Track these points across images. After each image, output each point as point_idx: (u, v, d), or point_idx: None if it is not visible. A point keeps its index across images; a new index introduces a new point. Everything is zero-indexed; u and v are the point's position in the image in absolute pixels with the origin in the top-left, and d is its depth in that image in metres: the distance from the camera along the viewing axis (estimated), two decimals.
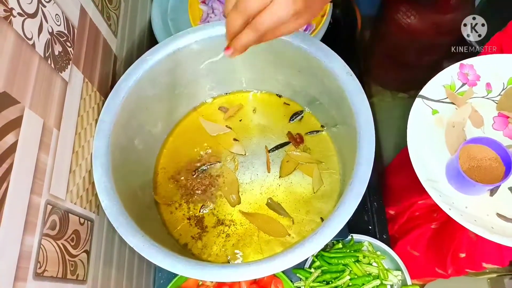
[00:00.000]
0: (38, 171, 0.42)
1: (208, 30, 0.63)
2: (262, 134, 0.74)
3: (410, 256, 0.99)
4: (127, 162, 0.61)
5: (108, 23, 0.63)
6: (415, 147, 0.62)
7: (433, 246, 0.93)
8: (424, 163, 0.62)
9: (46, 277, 0.41)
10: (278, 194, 0.69)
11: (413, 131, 0.63)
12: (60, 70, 0.47)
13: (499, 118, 0.66)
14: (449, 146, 0.65)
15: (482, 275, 1.36)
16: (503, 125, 0.66)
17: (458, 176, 0.59)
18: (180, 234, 0.67)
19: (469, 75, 0.68)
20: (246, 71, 0.73)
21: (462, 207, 0.60)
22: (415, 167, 0.60)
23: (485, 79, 0.68)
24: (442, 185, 0.62)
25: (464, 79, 0.68)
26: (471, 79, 0.68)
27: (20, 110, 0.39)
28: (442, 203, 0.58)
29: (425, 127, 0.65)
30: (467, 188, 0.60)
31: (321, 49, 0.59)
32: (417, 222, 0.95)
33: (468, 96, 0.67)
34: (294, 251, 0.50)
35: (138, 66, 0.61)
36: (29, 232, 0.39)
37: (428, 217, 0.93)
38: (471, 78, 0.68)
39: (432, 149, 0.64)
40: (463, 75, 0.68)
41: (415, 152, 0.62)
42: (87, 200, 0.53)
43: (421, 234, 0.95)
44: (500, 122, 0.66)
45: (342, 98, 0.58)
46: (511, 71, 0.67)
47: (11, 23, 0.39)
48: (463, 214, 0.58)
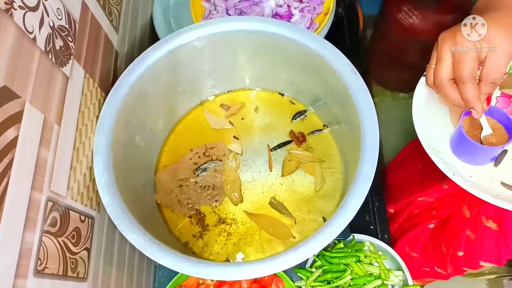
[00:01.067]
0: (38, 167, 0.41)
1: (211, 27, 0.62)
2: (264, 132, 0.74)
3: (408, 257, 0.98)
4: (128, 159, 0.60)
5: (110, 19, 0.63)
6: (420, 119, 0.62)
7: (431, 246, 0.93)
8: (429, 136, 0.61)
9: (46, 274, 0.41)
10: (280, 193, 0.68)
11: (418, 105, 0.63)
12: (61, 65, 0.47)
13: (502, 98, 0.66)
14: (453, 120, 0.65)
15: (481, 276, 1.36)
16: (506, 104, 0.66)
17: (462, 142, 0.59)
18: (181, 233, 0.67)
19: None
20: (249, 69, 0.73)
21: (466, 175, 0.60)
22: (420, 137, 0.60)
23: None
24: (445, 155, 0.62)
25: None
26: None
27: (21, 105, 0.39)
28: (446, 169, 0.57)
29: (430, 103, 0.65)
30: (472, 155, 0.60)
31: (325, 46, 0.59)
32: (416, 220, 0.95)
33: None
34: (296, 250, 0.50)
35: (139, 62, 0.60)
36: (29, 228, 0.39)
37: (427, 215, 0.93)
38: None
39: (436, 124, 0.64)
40: None
41: (420, 124, 0.61)
42: (88, 197, 0.52)
43: (419, 234, 0.95)
44: (503, 101, 0.66)
45: (346, 96, 0.57)
46: None
47: (12, 16, 0.38)
48: (467, 181, 0.57)
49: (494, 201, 0.55)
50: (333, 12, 0.75)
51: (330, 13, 0.74)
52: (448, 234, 0.86)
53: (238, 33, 0.62)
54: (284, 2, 0.76)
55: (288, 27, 0.61)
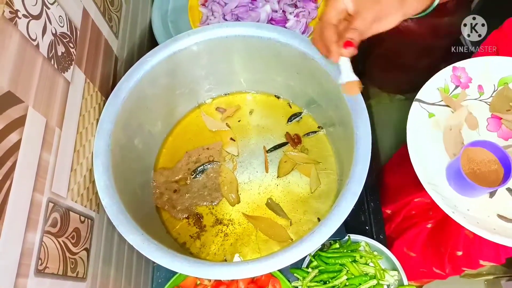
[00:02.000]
0: (40, 169, 0.42)
1: (208, 32, 0.64)
2: (261, 134, 0.75)
3: (406, 257, 0.99)
4: (127, 161, 0.61)
5: (110, 25, 0.64)
6: (415, 150, 0.63)
7: (429, 246, 0.93)
8: (425, 166, 0.62)
9: (47, 273, 0.42)
10: (276, 194, 0.70)
11: (412, 135, 0.64)
12: (63, 71, 0.48)
13: (492, 120, 0.67)
14: (447, 149, 0.65)
15: (479, 277, 1.36)
16: (497, 126, 0.67)
17: (459, 179, 0.60)
18: (178, 233, 0.68)
19: (461, 78, 0.69)
20: (245, 72, 0.74)
21: (464, 209, 0.61)
22: (417, 170, 0.61)
23: (477, 81, 0.69)
24: (442, 188, 0.63)
25: (457, 82, 0.69)
26: (464, 81, 0.69)
27: (24, 109, 0.40)
28: (446, 206, 0.58)
29: (423, 131, 0.65)
30: (468, 190, 0.61)
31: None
32: (413, 221, 0.96)
33: (462, 98, 0.68)
34: (292, 249, 0.51)
35: (138, 67, 0.61)
36: (31, 229, 0.40)
37: (424, 216, 0.94)
38: (464, 80, 0.69)
39: (431, 153, 0.65)
40: (456, 78, 0.69)
41: (416, 155, 0.62)
42: (88, 199, 0.54)
43: (417, 234, 0.96)
44: (494, 123, 0.67)
45: (340, 99, 0.59)
46: (500, 73, 0.68)
47: (16, 24, 0.39)
48: (466, 217, 0.59)
49: (491, 237, 0.56)
50: None
51: None
52: (446, 233, 0.87)
53: (235, 38, 0.64)
54: (280, 8, 0.77)
55: (283, 33, 0.62)
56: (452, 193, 0.63)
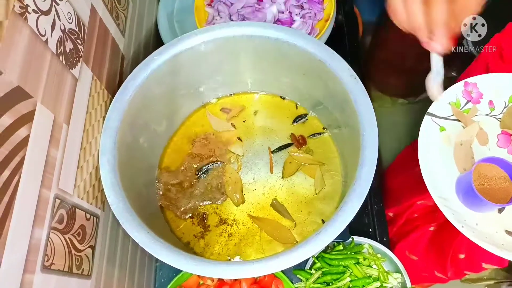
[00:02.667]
0: (48, 165, 0.42)
1: (215, 32, 0.64)
2: (266, 135, 0.75)
3: (408, 261, 0.99)
4: (132, 160, 0.61)
5: (117, 23, 0.64)
6: (426, 163, 0.63)
7: (432, 249, 0.93)
8: (434, 180, 0.63)
9: (53, 270, 0.42)
10: (281, 195, 0.70)
11: (424, 148, 0.64)
12: (71, 67, 0.48)
13: (502, 136, 0.67)
14: (457, 163, 0.66)
15: (480, 282, 1.36)
16: (507, 142, 0.67)
17: (470, 194, 0.60)
18: (182, 233, 0.68)
19: (472, 93, 0.69)
20: (251, 72, 0.74)
21: (473, 224, 0.61)
22: (427, 183, 0.61)
23: (488, 97, 0.69)
24: (452, 202, 0.63)
25: (468, 97, 0.69)
26: (475, 96, 0.69)
27: (33, 105, 0.40)
28: (455, 221, 0.59)
29: (434, 145, 0.66)
30: (478, 205, 0.61)
31: (326, 51, 0.60)
32: (415, 223, 0.96)
33: (473, 113, 0.68)
34: (296, 250, 0.50)
35: (145, 65, 0.61)
36: (38, 224, 0.40)
37: (426, 218, 0.94)
38: (475, 96, 0.69)
39: (441, 166, 0.65)
40: (467, 93, 0.69)
41: (426, 168, 0.62)
42: (93, 196, 0.53)
43: (419, 237, 0.96)
44: (504, 139, 0.67)
45: (346, 100, 0.59)
46: (511, 90, 0.69)
47: (26, 20, 0.39)
48: (474, 231, 0.59)
49: (499, 253, 0.57)
50: (333, 18, 0.77)
51: (330, 20, 0.75)
52: (449, 236, 0.87)
53: (241, 38, 0.64)
54: (286, 9, 0.78)
55: (290, 33, 0.62)
56: (462, 208, 0.63)
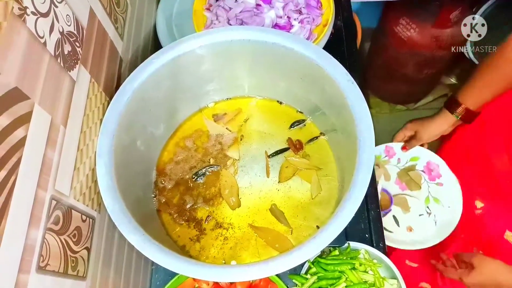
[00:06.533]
0: (44, 166, 0.42)
1: (213, 36, 0.64)
2: (262, 139, 0.75)
3: (408, 269, 0.99)
4: (129, 162, 0.61)
5: (115, 26, 0.65)
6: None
7: (430, 257, 0.93)
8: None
9: (48, 271, 0.42)
10: (277, 199, 0.70)
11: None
12: (69, 69, 0.48)
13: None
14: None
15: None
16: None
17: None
18: (178, 236, 0.68)
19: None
20: (248, 77, 0.74)
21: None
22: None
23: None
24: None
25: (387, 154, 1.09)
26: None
27: (30, 106, 0.40)
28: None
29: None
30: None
31: (323, 56, 0.61)
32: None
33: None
34: (292, 254, 0.51)
35: (143, 68, 0.62)
36: (34, 225, 0.40)
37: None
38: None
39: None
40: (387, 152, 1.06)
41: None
42: (90, 198, 0.53)
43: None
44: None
45: (343, 105, 0.59)
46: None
47: (25, 21, 0.40)
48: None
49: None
50: (331, 23, 0.77)
51: (328, 25, 0.76)
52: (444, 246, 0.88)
53: (239, 42, 0.64)
54: (284, 13, 0.78)
55: (288, 37, 0.63)
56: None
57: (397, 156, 1.06)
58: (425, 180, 1.02)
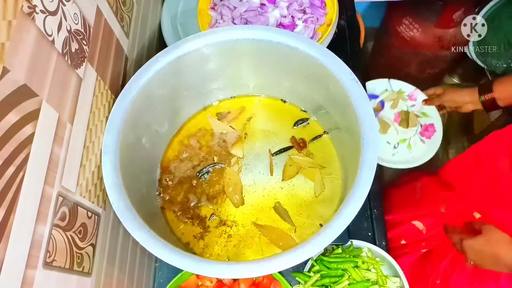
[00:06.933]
0: (51, 163, 0.43)
1: (218, 35, 0.64)
2: (266, 137, 0.76)
3: None
4: (134, 160, 0.62)
5: (121, 24, 0.65)
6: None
7: (418, 267, 0.92)
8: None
9: (54, 266, 0.42)
10: (280, 197, 0.70)
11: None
12: (76, 67, 0.49)
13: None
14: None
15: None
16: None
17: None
18: (182, 233, 0.68)
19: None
20: (253, 76, 0.75)
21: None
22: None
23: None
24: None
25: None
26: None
27: (38, 103, 0.41)
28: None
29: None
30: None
31: (328, 56, 0.61)
32: (408, 242, 0.95)
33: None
34: (295, 251, 0.51)
35: (148, 67, 0.62)
36: (41, 221, 0.40)
37: (418, 243, 0.94)
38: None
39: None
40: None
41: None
42: (95, 195, 0.54)
43: (410, 253, 0.95)
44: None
45: (347, 104, 0.59)
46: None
47: (34, 19, 0.40)
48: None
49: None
50: (335, 23, 0.77)
51: (332, 24, 0.76)
52: (435, 261, 0.88)
53: (244, 41, 0.65)
54: (288, 13, 0.78)
55: (292, 37, 0.63)
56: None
57: (414, 102, 1.13)
58: (416, 131, 1.10)
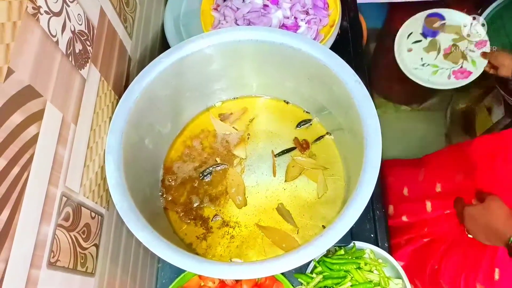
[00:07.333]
0: (56, 163, 0.43)
1: (221, 36, 0.64)
2: (269, 138, 0.76)
3: None
4: (137, 160, 0.62)
5: (125, 25, 0.65)
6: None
7: (417, 256, 0.92)
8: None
9: (58, 266, 0.43)
10: (283, 198, 0.70)
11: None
12: (80, 68, 0.49)
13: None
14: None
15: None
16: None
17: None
18: (185, 234, 0.68)
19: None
20: (256, 77, 0.75)
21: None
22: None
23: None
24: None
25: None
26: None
27: (43, 104, 0.41)
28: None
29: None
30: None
31: (331, 56, 0.61)
32: (411, 230, 0.95)
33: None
34: (298, 252, 0.51)
35: (152, 67, 0.62)
36: (45, 221, 0.41)
37: (421, 230, 0.93)
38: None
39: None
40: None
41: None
42: (99, 195, 0.54)
43: (411, 241, 0.95)
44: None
45: (350, 105, 0.59)
46: None
47: (38, 20, 0.40)
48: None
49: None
50: (338, 24, 0.78)
51: (335, 26, 0.76)
52: (436, 249, 0.88)
53: (247, 42, 0.65)
54: (291, 14, 0.78)
55: (295, 38, 0.63)
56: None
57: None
58: (452, 66, 1.12)
